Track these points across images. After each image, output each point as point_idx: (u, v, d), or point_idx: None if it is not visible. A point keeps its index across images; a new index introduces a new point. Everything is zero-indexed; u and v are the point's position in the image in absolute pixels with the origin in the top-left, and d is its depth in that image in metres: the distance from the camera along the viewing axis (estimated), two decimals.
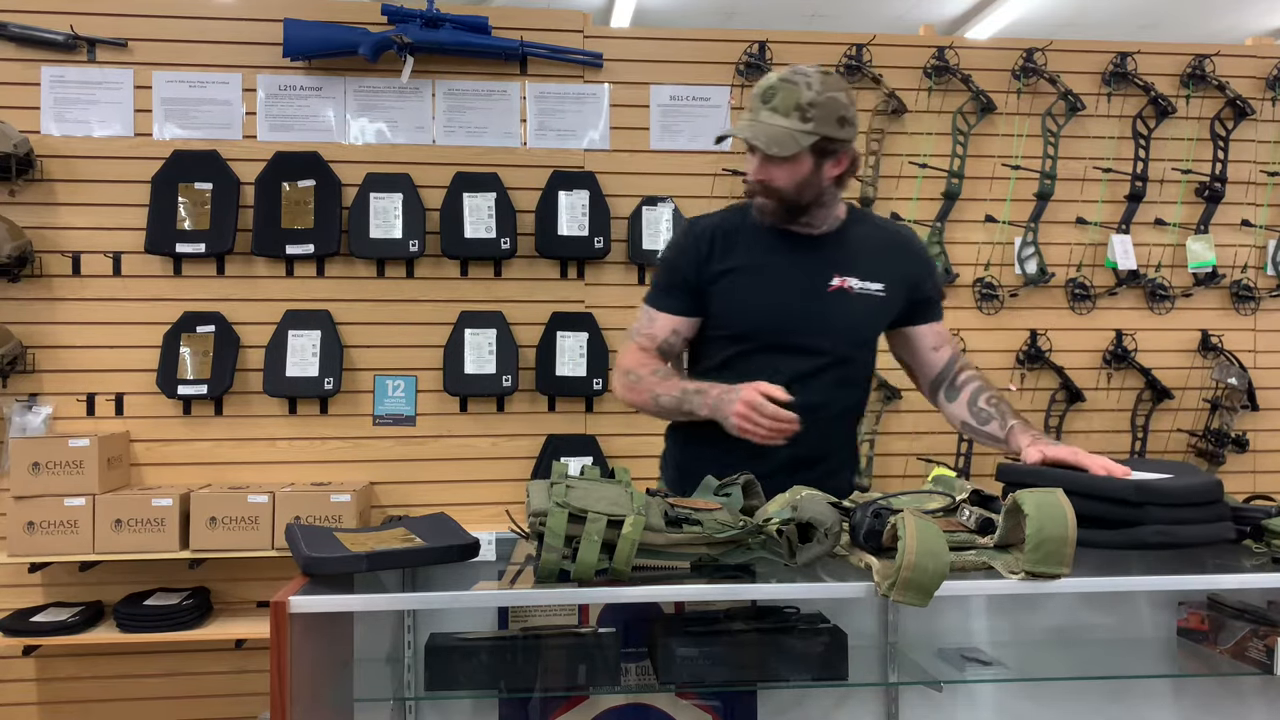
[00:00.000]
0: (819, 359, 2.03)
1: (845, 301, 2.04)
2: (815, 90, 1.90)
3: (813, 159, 1.93)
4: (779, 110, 1.90)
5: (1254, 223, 3.93)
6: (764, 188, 1.97)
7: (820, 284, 2.04)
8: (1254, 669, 1.74)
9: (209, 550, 3.18)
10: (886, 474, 3.73)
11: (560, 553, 1.47)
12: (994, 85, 3.79)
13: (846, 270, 2.04)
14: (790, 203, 1.98)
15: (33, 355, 3.38)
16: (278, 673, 1.37)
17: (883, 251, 2.10)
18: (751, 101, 1.94)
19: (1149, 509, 1.58)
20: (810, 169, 1.94)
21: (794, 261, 2.04)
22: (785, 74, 1.93)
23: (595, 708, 1.78)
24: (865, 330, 2.11)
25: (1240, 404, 3.82)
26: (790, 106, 1.89)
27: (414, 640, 1.75)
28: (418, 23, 3.49)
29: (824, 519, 1.53)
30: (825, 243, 2.06)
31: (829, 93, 1.91)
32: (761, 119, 1.91)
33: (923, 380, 2.20)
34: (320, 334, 3.47)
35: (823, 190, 1.99)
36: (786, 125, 1.89)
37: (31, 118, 3.41)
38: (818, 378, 2.03)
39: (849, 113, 1.94)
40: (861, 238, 2.09)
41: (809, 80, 1.91)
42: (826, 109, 1.91)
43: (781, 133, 1.89)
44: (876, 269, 2.07)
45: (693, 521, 1.57)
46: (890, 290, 2.08)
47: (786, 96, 1.89)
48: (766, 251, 2.04)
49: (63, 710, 3.41)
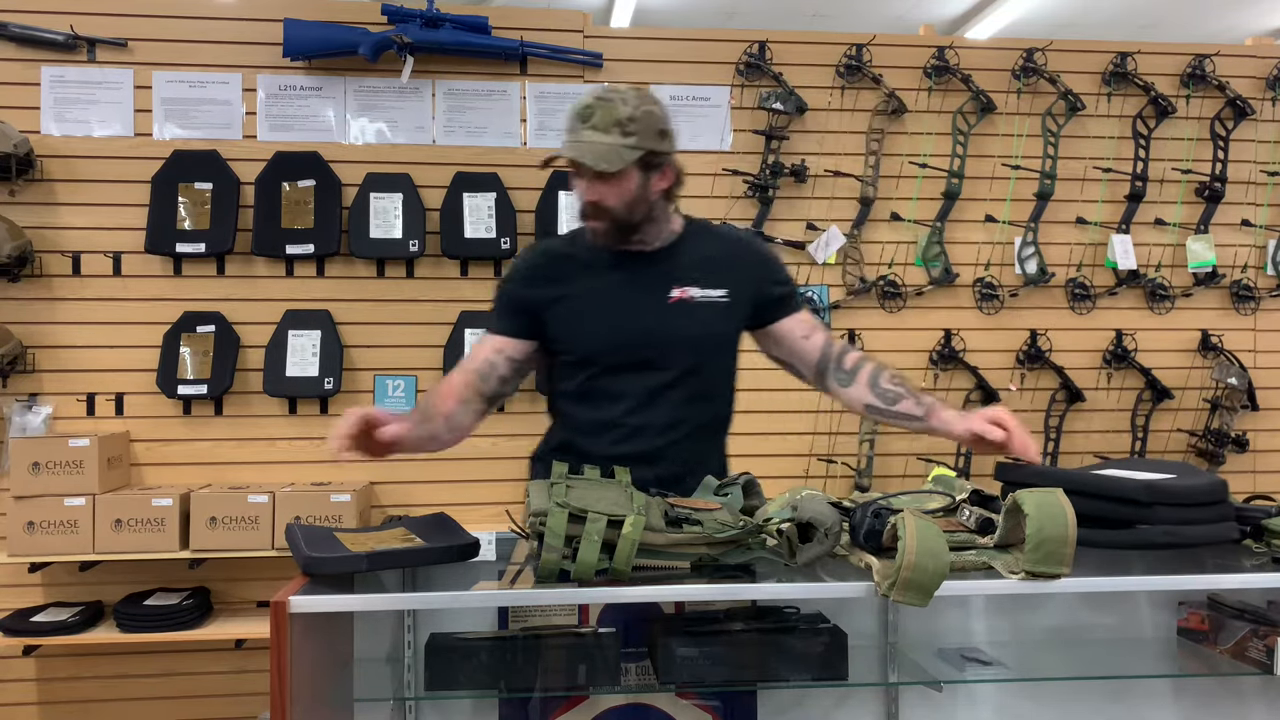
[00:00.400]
0: (668, 373, 2.00)
1: (688, 311, 2.02)
2: (632, 106, 1.89)
3: (639, 174, 1.92)
4: (599, 128, 1.88)
5: (1254, 223, 3.93)
6: (595, 208, 1.95)
7: (660, 297, 2.01)
8: (1254, 669, 1.74)
9: (209, 550, 3.18)
10: (886, 474, 3.73)
11: (560, 552, 1.47)
12: (994, 85, 3.79)
13: (686, 281, 2.02)
14: (622, 221, 1.96)
15: (33, 355, 3.38)
16: (278, 673, 1.37)
17: (722, 258, 2.07)
18: (570, 123, 1.92)
19: (1157, 509, 1.58)
20: (638, 184, 1.93)
21: (631, 279, 2.02)
22: (599, 92, 1.92)
23: (595, 708, 1.78)
24: (712, 338, 2.07)
25: (1240, 404, 3.82)
26: (610, 123, 1.88)
27: (414, 640, 1.75)
28: (418, 23, 3.49)
29: (824, 519, 1.53)
30: (661, 257, 2.04)
31: (645, 107, 1.91)
32: (583, 138, 1.89)
33: (805, 370, 2.15)
34: (320, 334, 3.47)
35: (652, 205, 1.98)
36: (609, 141, 1.88)
37: (31, 118, 3.41)
38: (670, 393, 2.00)
39: (667, 125, 1.94)
40: (699, 248, 2.07)
41: (624, 97, 1.90)
42: (646, 123, 1.90)
43: (605, 149, 1.88)
44: (717, 275, 2.04)
45: (693, 521, 1.57)
46: (734, 295, 2.04)
47: (605, 114, 1.88)
48: (603, 272, 2.02)
49: (63, 710, 3.41)
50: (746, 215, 3.69)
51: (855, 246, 3.75)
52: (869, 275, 3.75)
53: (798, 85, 3.70)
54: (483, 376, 2.03)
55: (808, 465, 3.72)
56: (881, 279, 3.74)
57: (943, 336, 3.76)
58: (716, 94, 3.72)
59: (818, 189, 3.74)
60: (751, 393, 3.71)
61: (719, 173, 3.67)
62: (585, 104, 1.90)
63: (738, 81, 3.72)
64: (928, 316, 3.79)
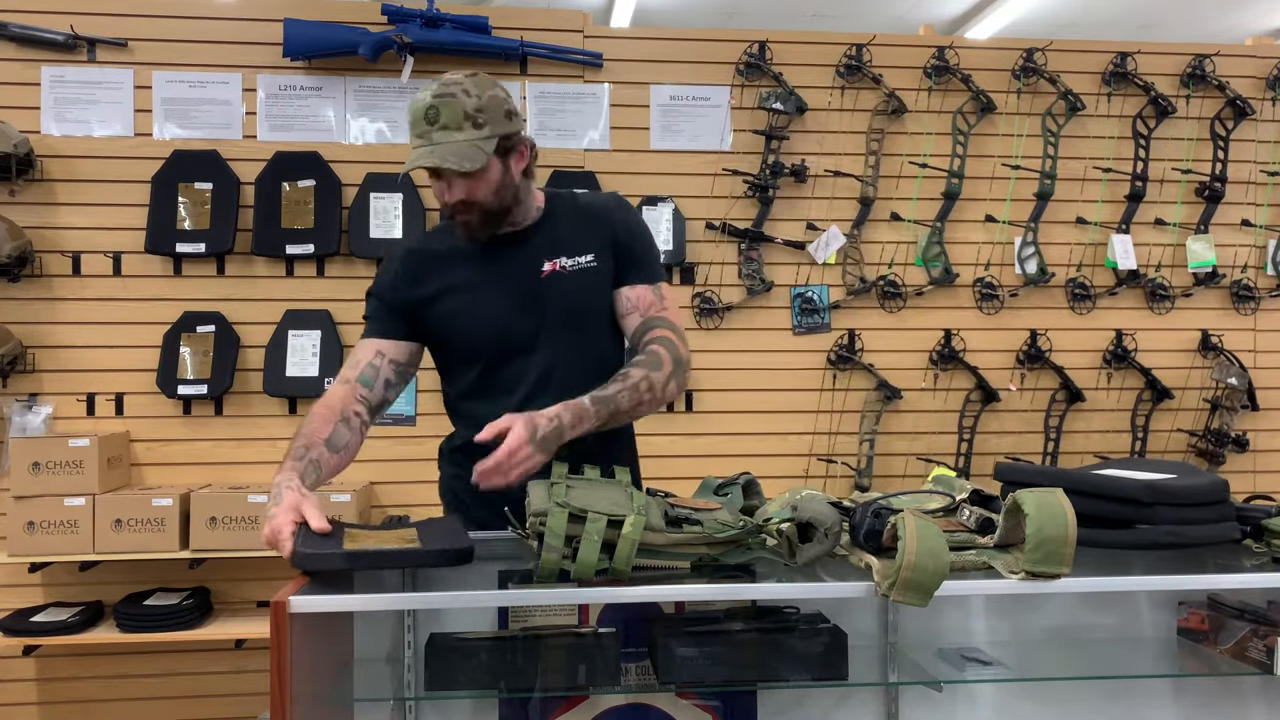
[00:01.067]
0: (555, 350, 1.97)
1: (560, 282, 1.98)
2: (475, 95, 1.85)
3: (499, 162, 1.90)
4: (450, 126, 1.83)
5: (1254, 223, 3.93)
6: (464, 205, 1.91)
7: (534, 274, 1.98)
8: (1254, 669, 1.74)
9: (209, 550, 3.18)
10: (887, 474, 3.73)
11: (560, 552, 1.47)
12: (994, 85, 3.79)
13: (555, 252, 1.99)
14: (494, 211, 1.93)
15: (33, 355, 3.38)
16: (278, 673, 1.37)
17: (585, 221, 2.03)
18: (415, 128, 1.86)
19: (1159, 509, 1.58)
20: (500, 172, 1.90)
21: (502, 263, 1.99)
22: (436, 90, 1.85)
23: (595, 708, 1.78)
24: (588, 306, 2.02)
25: (1240, 404, 3.82)
26: (460, 119, 1.83)
27: (414, 640, 1.75)
28: (418, 23, 3.50)
29: (824, 519, 1.53)
30: (528, 235, 2.01)
31: (488, 92, 1.87)
32: (436, 140, 1.84)
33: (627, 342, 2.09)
34: (320, 334, 3.47)
35: (517, 188, 1.96)
36: (464, 138, 1.84)
37: (31, 118, 3.41)
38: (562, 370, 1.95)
39: (511, 104, 1.91)
40: (564, 217, 2.04)
41: (464, 87, 1.85)
42: (493, 109, 1.87)
43: (464, 147, 1.83)
44: (582, 240, 2.01)
45: (693, 521, 1.57)
46: (600, 258, 2.01)
47: (451, 111, 1.83)
48: (473, 262, 1.99)
49: (63, 710, 3.41)
50: (746, 215, 3.69)
51: (855, 246, 3.75)
52: (869, 275, 3.75)
53: (798, 85, 3.70)
54: (366, 384, 1.96)
55: (808, 465, 3.72)
56: (881, 279, 3.74)
57: (943, 336, 3.76)
58: (716, 94, 3.72)
59: (818, 189, 3.74)
60: (752, 393, 3.74)
61: (719, 173, 3.68)
62: (427, 104, 1.84)
63: (738, 81, 3.72)
64: (928, 316, 3.79)
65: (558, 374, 1.96)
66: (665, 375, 1.90)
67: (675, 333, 1.98)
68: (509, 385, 1.97)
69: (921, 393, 3.78)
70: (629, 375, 1.86)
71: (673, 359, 1.92)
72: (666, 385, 1.90)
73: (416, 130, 1.86)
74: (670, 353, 1.93)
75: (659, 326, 1.98)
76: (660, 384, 1.89)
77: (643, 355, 1.93)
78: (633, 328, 2.01)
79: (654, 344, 1.94)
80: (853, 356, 3.72)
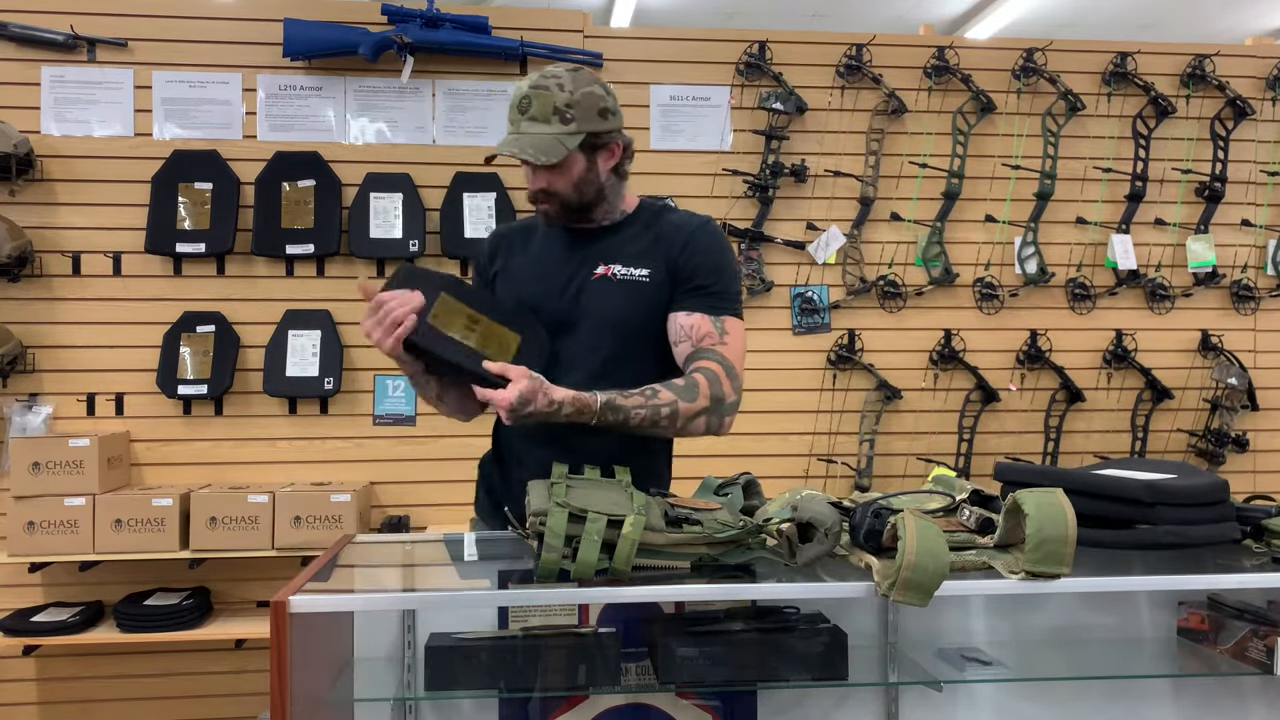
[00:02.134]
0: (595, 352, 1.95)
1: (606, 288, 1.97)
2: (569, 90, 1.87)
3: (584, 157, 1.91)
4: (538, 118, 1.86)
5: (1254, 223, 3.93)
6: (545, 194, 1.93)
7: (585, 273, 1.98)
8: (1254, 669, 1.74)
9: (209, 550, 3.18)
10: (887, 474, 3.73)
11: (560, 552, 1.47)
12: (994, 85, 3.79)
13: (613, 259, 1.98)
14: (572, 203, 1.94)
15: (33, 355, 3.38)
16: (278, 673, 1.37)
17: (658, 238, 2.01)
18: (510, 115, 1.90)
19: (1160, 509, 1.58)
20: (584, 167, 1.91)
21: (564, 254, 2.00)
22: (534, 80, 1.88)
23: (595, 708, 1.78)
24: (628, 317, 1.97)
25: (1240, 404, 3.82)
26: (548, 112, 1.86)
27: (414, 640, 1.75)
28: (418, 23, 3.50)
29: (824, 519, 1.53)
30: (602, 235, 2.01)
31: (583, 89, 1.88)
32: (524, 130, 1.87)
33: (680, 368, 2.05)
34: (320, 334, 3.47)
35: (603, 185, 1.96)
36: (549, 132, 1.86)
37: (31, 118, 3.41)
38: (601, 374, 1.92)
39: (609, 103, 1.91)
40: (642, 227, 2.03)
41: (560, 81, 1.87)
42: (585, 106, 1.88)
43: (546, 140, 1.85)
44: (645, 255, 1.99)
45: (693, 521, 1.57)
46: (656, 275, 1.97)
47: (542, 103, 1.86)
48: (544, 248, 2.03)
49: (63, 710, 3.41)
50: (746, 215, 3.69)
51: (855, 246, 3.75)
52: (869, 275, 3.75)
53: (798, 85, 3.70)
54: None
55: (808, 465, 3.72)
56: (881, 279, 3.74)
57: (943, 336, 3.76)
58: (716, 94, 3.72)
59: (818, 189, 3.74)
60: (752, 393, 3.73)
61: (719, 173, 3.68)
62: (522, 94, 1.88)
63: (738, 81, 3.72)
64: (928, 316, 3.79)
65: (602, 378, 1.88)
66: (695, 409, 1.81)
67: (725, 369, 1.88)
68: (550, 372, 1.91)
69: (921, 393, 3.78)
70: (657, 394, 1.80)
71: (711, 396, 1.83)
72: (692, 419, 1.82)
73: (510, 117, 1.90)
74: (711, 389, 1.84)
75: (709, 358, 1.89)
76: (685, 415, 1.81)
77: (683, 381, 1.84)
78: (683, 356, 1.94)
79: (698, 373, 1.86)
80: (853, 356, 3.72)
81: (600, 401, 1.76)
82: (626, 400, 1.78)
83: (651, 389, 1.80)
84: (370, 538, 2.18)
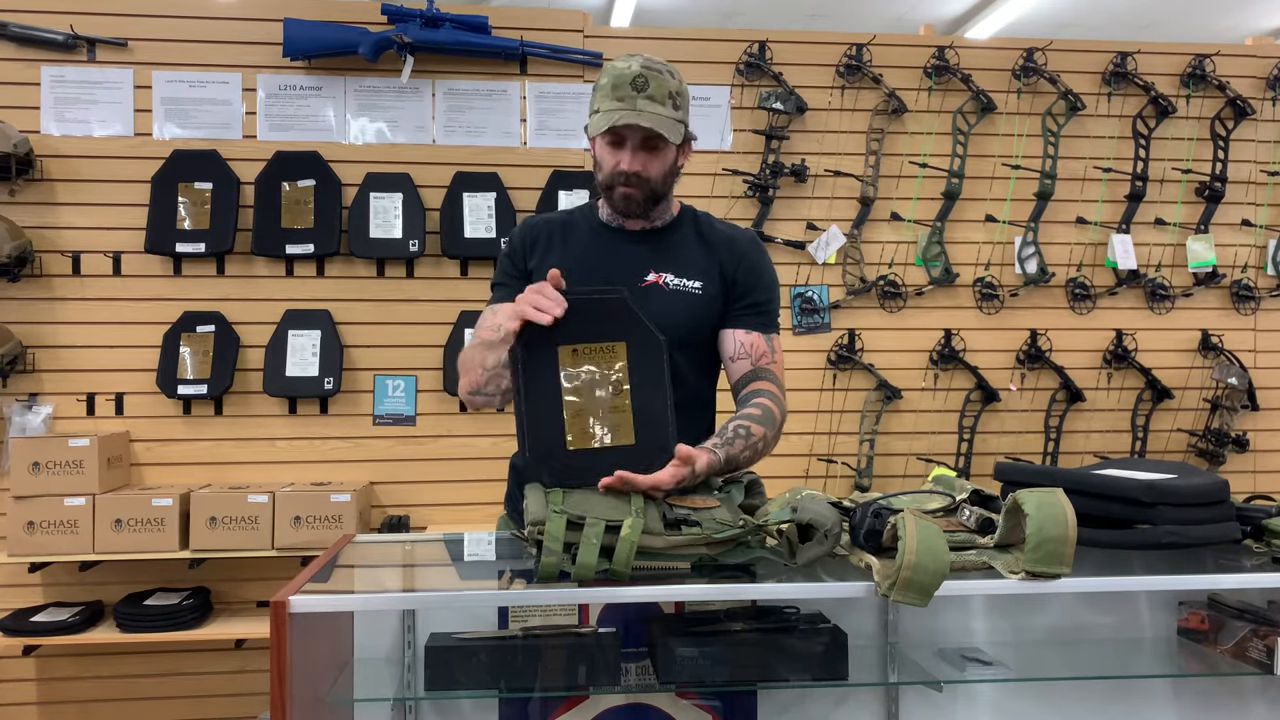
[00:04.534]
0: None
1: (658, 298, 1.95)
2: (676, 79, 1.89)
3: (675, 148, 1.92)
4: (656, 99, 1.84)
5: (1254, 222, 3.93)
6: (637, 178, 1.89)
7: (635, 279, 1.95)
8: (1254, 669, 1.74)
9: (209, 550, 3.18)
10: (887, 474, 3.73)
11: (559, 557, 1.47)
12: (994, 85, 3.79)
13: (665, 266, 1.97)
14: (655, 192, 1.93)
15: (33, 355, 3.38)
16: (278, 673, 1.37)
17: (709, 249, 2.01)
18: (617, 90, 1.84)
19: (1160, 509, 1.58)
20: (674, 157, 1.93)
21: (615, 257, 1.97)
22: (646, 63, 1.87)
23: (595, 708, 1.78)
24: (679, 327, 1.95)
25: (1240, 404, 3.82)
26: (665, 95, 1.85)
27: (414, 640, 1.75)
28: (418, 22, 3.50)
29: (824, 519, 1.53)
30: (651, 238, 2.00)
31: (682, 83, 1.91)
32: (641, 108, 1.84)
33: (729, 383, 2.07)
34: (320, 334, 3.47)
35: (674, 181, 1.97)
36: (665, 114, 1.85)
37: (31, 118, 3.41)
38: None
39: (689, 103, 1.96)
40: (691, 234, 2.03)
41: (669, 69, 1.89)
42: (685, 98, 1.91)
43: (667, 121, 1.85)
44: (697, 266, 1.98)
45: (691, 523, 1.57)
46: (708, 288, 1.98)
47: (659, 85, 1.85)
48: (591, 248, 1.98)
49: (63, 710, 3.41)
50: (746, 215, 3.69)
51: (855, 246, 3.75)
52: (869, 275, 3.75)
53: (798, 85, 3.70)
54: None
55: (808, 465, 3.72)
56: (881, 279, 3.74)
57: (943, 336, 3.76)
58: (716, 94, 3.72)
59: (818, 189, 3.74)
60: None
61: (719, 173, 3.68)
62: (635, 72, 1.84)
63: (738, 81, 3.72)
64: (928, 316, 3.79)
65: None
66: (775, 436, 1.86)
67: (781, 390, 1.95)
68: None
69: (921, 393, 3.78)
70: (751, 433, 1.81)
71: (780, 419, 1.88)
72: (771, 445, 1.86)
73: (619, 94, 1.84)
74: (780, 412, 1.89)
75: (768, 380, 1.93)
76: (769, 444, 1.85)
77: (759, 411, 1.86)
78: (740, 373, 1.96)
79: (766, 398, 1.89)
80: (853, 356, 3.72)
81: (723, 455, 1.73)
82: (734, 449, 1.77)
83: (744, 428, 1.80)
84: (370, 538, 2.18)
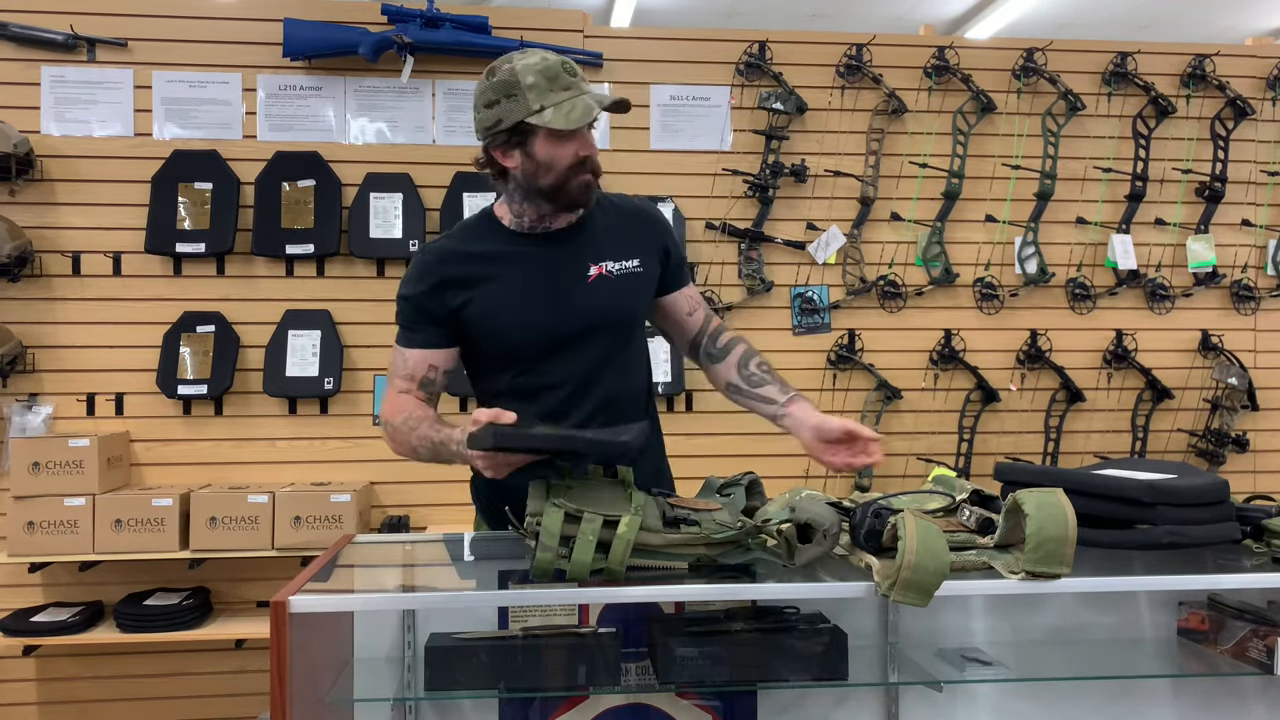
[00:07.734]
0: (597, 354, 1.94)
1: (607, 286, 1.95)
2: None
3: None
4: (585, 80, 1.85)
5: (1254, 223, 3.93)
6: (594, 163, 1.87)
7: (579, 276, 1.94)
8: (1254, 669, 1.74)
9: (209, 550, 3.18)
10: (887, 474, 3.72)
11: (555, 552, 1.47)
12: (994, 85, 3.79)
13: (601, 255, 1.95)
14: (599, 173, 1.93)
15: (33, 355, 3.38)
16: (278, 673, 1.37)
17: (630, 227, 2.01)
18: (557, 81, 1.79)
19: (1161, 509, 1.58)
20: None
21: (547, 262, 1.93)
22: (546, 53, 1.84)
23: (595, 708, 1.78)
24: (633, 311, 2.00)
25: (1240, 404, 3.82)
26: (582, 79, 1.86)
27: (414, 640, 1.75)
28: (418, 23, 3.49)
29: (823, 520, 1.53)
30: (577, 232, 1.97)
31: None
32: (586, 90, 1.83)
33: (680, 343, 2.12)
34: (320, 334, 3.47)
35: None
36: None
37: (31, 118, 3.41)
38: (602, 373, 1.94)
39: None
40: (610, 217, 2.01)
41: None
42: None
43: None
44: (628, 246, 1.98)
45: (690, 522, 1.57)
46: (647, 263, 1.99)
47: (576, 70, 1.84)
48: (514, 262, 1.92)
49: (63, 710, 3.40)
50: (747, 215, 3.69)
51: (855, 246, 3.75)
52: (869, 275, 3.75)
53: (798, 85, 3.70)
54: (427, 390, 1.93)
55: (808, 465, 3.71)
56: (881, 279, 3.74)
57: (943, 336, 3.76)
58: (716, 94, 3.72)
59: (818, 189, 3.74)
60: None
61: (719, 173, 3.68)
62: (560, 60, 1.82)
63: (738, 81, 3.72)
64: (928, 316, 3.79)
65: (605, 375, 1.95)
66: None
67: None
68: (552, 384, 1.93)
69: (921, 393, 3.78)
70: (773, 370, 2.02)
71: None
72: None
73: (561, 83, 1.80)
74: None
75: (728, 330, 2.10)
76: None
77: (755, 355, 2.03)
78: (698, 324, 2.08)
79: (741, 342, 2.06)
80: (853, 356, 3.72)
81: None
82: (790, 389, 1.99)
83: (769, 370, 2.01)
84: (370, 538, 2.18)
